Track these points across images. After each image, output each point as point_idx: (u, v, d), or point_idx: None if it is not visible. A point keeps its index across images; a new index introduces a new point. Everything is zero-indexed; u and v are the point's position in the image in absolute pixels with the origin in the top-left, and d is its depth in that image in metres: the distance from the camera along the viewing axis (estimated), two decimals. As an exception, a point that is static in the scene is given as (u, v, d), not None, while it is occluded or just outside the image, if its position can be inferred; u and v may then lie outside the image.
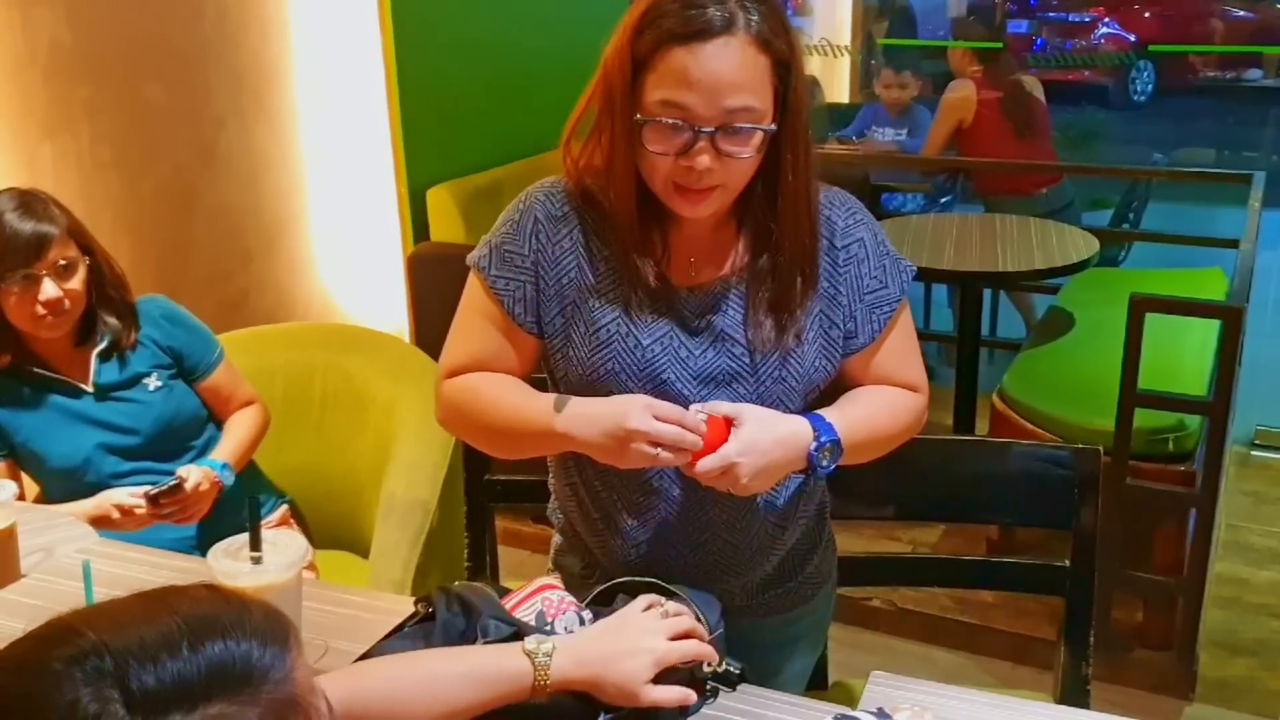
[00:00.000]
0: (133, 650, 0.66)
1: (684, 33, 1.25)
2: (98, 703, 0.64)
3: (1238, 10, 9.86)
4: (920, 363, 1.52)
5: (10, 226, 1.93)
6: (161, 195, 2.90)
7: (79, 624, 0.69)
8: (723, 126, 1.27)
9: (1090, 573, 1.72)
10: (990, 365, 4.34)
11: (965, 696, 1.35)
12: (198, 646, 0.67)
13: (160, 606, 0.70)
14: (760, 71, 1.28)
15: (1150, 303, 2.59)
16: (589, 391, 1.41)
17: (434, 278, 3.37)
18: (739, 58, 1.26)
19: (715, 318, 1.41)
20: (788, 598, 1.56)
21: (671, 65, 1.26)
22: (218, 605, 0.71)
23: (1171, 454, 2.78)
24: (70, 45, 2.62)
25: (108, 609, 0.71)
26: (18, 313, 1.96)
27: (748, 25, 1.26)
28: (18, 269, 1.92)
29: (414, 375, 2.33)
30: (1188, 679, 2.72)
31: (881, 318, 1.45)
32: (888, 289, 1.46)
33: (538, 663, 1.17)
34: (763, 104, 1.29)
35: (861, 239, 1.45)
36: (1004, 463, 1.78)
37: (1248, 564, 3.25)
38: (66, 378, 2.07)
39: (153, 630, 0.67)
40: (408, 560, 2.09)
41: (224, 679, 0.67)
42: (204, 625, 0.68)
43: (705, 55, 1.25)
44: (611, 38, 1.34)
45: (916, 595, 2.98)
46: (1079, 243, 3.53)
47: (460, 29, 3.63)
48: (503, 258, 1.45)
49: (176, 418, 2.14)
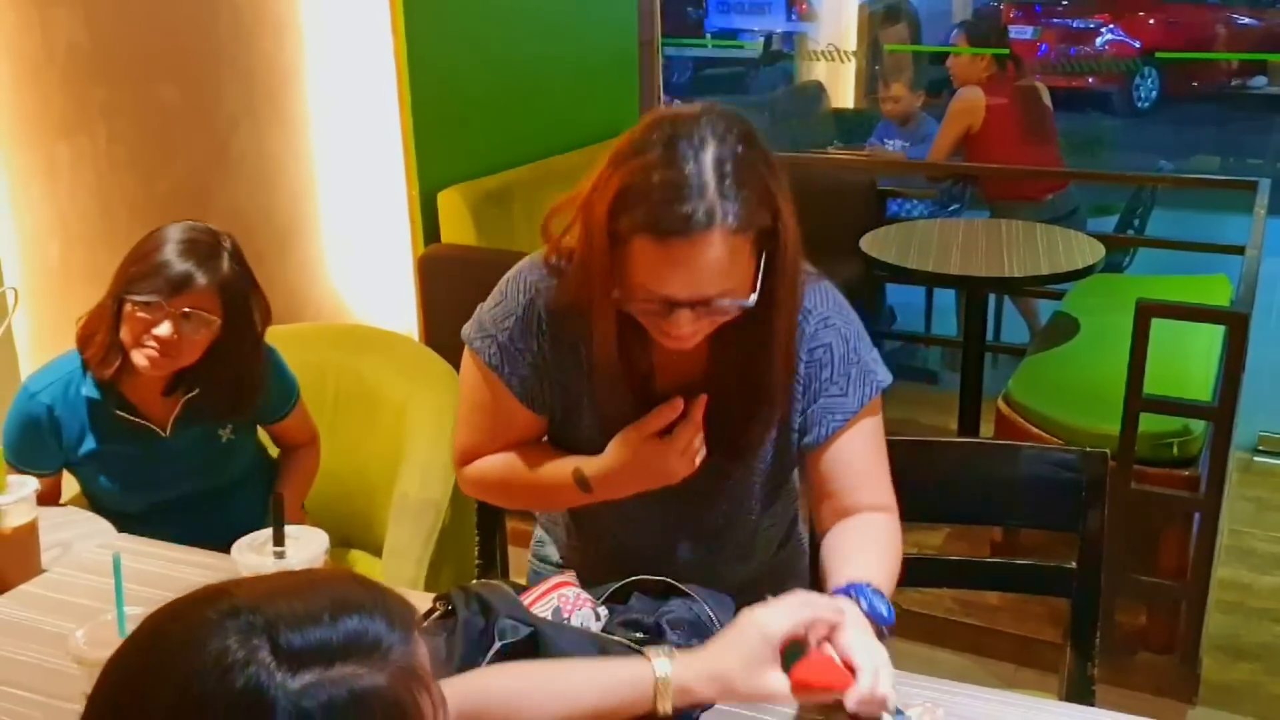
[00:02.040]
0: (282, 614, 0.74)
1: (661, 229, 1.22)
2: (246, 650, 0.72)
3: (1243, 18, 9.87)
4: (888, 481, 1.48)
5: (168, 255, 1.89)
6: (176, 195, 2.92)
7: (233, 588, 0.77)
8: (701, 303, 1.27)
9: (1097, 575, 1.73)
10: (994, 370, 4.36)
11: (975, 694, 1.37)
12: (338, 618, 0.75)
13: (308, 584, 0.78)
14: (741, 255, 1.26)
15: (1156, 308, 2.61)
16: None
17: (444, 279, 3.39)
18: (717, 252, 1.22)
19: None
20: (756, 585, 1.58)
21: (649, 257, 1.23)
22: (357, 588, 0.79)
23: (1176, 459, 2.80)
24: (88, 47, 2.65)
25: (260, 581, 0.79)
26: (129, 329, 1.91)
27: (725, 217, 1.21)
28: (148, 292, 1.88)
29: (427, 376, 2.35)
30: (1190, 683, 2.73)
31: (833, 424, 1.44)
32: (845, 398, 1.45)
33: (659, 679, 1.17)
34: (743, 279, 1.27)
35: (829, 344, 1.45)
36: (1012, 466, 1.79)
37: (1251, 569, 3.27)
38: (147, 422, 2.03)
39: (300, 601, 0.75)
40: (421, 559, 2.11)
41: (358, 647, 0.74)
42: (345, 602, 0.76)
43: (683, 255, 1.22)
44: (591, 187, 1.29)
45: (921, 597, 3.00)
46: (1085, 248, 3.55)
47: (472, 32, 3.65)
48: (510, 356, 1.45)
49: (236, 467, 2.15)
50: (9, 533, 1.67)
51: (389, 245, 3.55)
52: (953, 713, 1.28)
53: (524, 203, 3.62)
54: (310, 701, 0.72)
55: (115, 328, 1.93)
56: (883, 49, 6.18)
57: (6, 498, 1.67)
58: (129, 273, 1.91)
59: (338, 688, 0.73)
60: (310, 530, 1.44)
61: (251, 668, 0.71)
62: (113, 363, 1.95)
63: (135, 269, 1.91)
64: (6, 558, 1.68)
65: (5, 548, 1.68)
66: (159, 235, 1.93)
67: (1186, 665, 2.74)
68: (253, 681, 0.71)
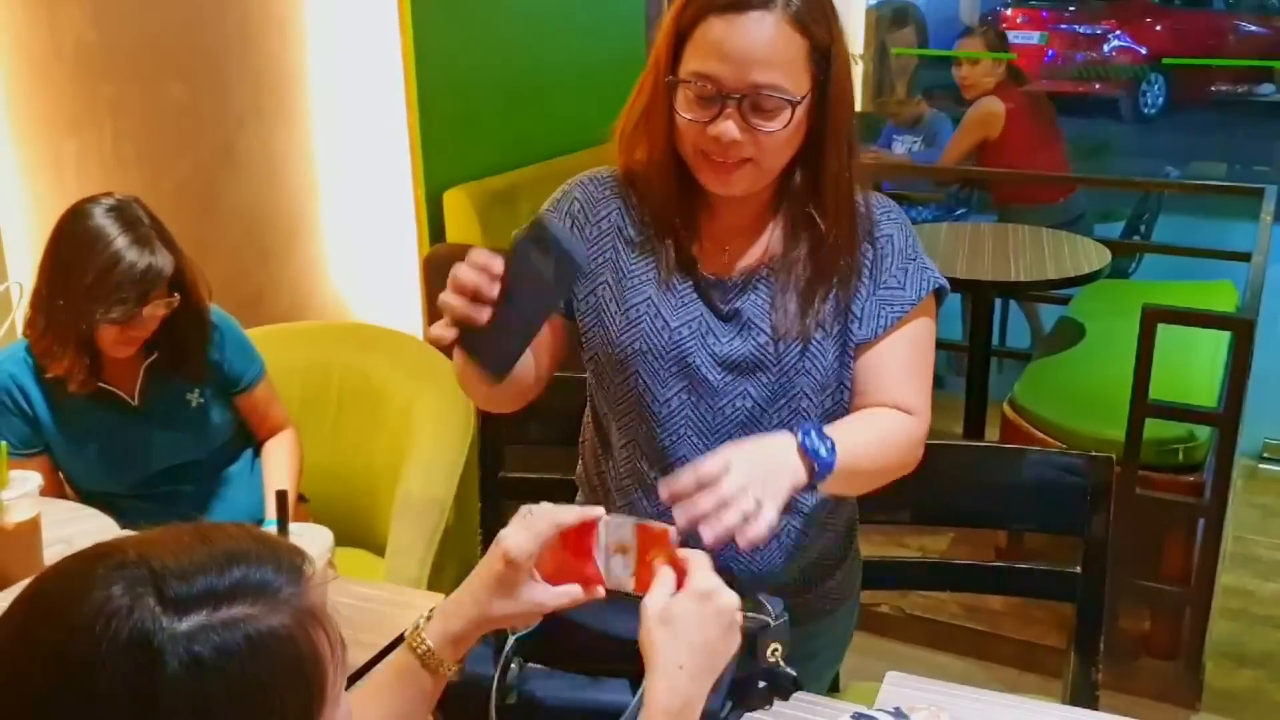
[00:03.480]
0: (168, 565, 0.75)
1: (722, 4, 1.29)
2: (130, 598, 0.73)
3: (1250, 25, 9.87)
4: (926, 388, 1.47)
5: (123, 256, 1.87)
6: (181, 193, 2.92)
7: (123, 544, 0.78)
8: (748, 96, 1.30)
9: (1102, 579, 1.73)
10: (1000, 375, 4.36)
11: (979, 697, 1.37)
12: (226, 566, 0.76)
13: (197, 537, 0.79)
14: (794, 52, 1.31)
15: (1162, 314, 2.61)
16: (617, 372, 1.45)
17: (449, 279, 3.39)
18: (772, 33, 1.29)
19: (744, 305, 1.43)
20: (806, 609, 1.52)
21: (708, 35, 1.30)
22: (245, 538, 0.80)
23: (1181, 464, 2.80)
24: (96, 44, 2.65)
25: (150, 536, 0.79)
26: (106, 338, 1.94)
27: (786, 5, 1.29)
28: (121, 309, 1.88)
29: (431, 375, 2.35)
30: (1194, 688, 2.73)
31: (890, 315, 1.44)
32: (903, 290, 1.45)
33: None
34: (793, 84, 1.31)
35: (891, 235, 1.46)
36: (1018, 469, 1.79)
37: (1255, 576, 3.26)
38: (116, 389, 2.06)
39: (187, 553, 0.77)
40: (424, 558, 2.11)
41: (244, 590, 0.76)
42: (232, 551, 0.78)
43: (739, 26, 1.29)
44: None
45: (925, 602, 3.00)
46: (1091, 254, 3.55)
47: (479, 33, 3.66)
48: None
49: (215, 436, 2.15)
50: (11, 528, 1.67)
51: (394, 244, 3.55)
52: (956, 716, 1.28)
53: (529, 203, 3.62)
54: (202, 645, 0.72)
55: (81, 344, 1.94)
56: (890, 53, 6.18)
57: (9, 493, 1.67)
58: (89, 294, 1.88)
59: (230, 631, 0.74)
60: (315, 528, 1.44)
61: (136, 614, 0.72)
62: (83, 371, 1.97)
63: (95, 290, 1.87)
64: (9, 553, 1.68)
65: (7, 543, 1.68)
66: (92, 231, 1.89)
67: (1190, 671, 2.74)
68: (138, 628, 0.72)
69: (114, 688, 0.71)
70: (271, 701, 0.75)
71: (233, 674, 0.73)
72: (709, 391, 1.43)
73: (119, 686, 0.71)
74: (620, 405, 1.49)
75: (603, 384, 1.51)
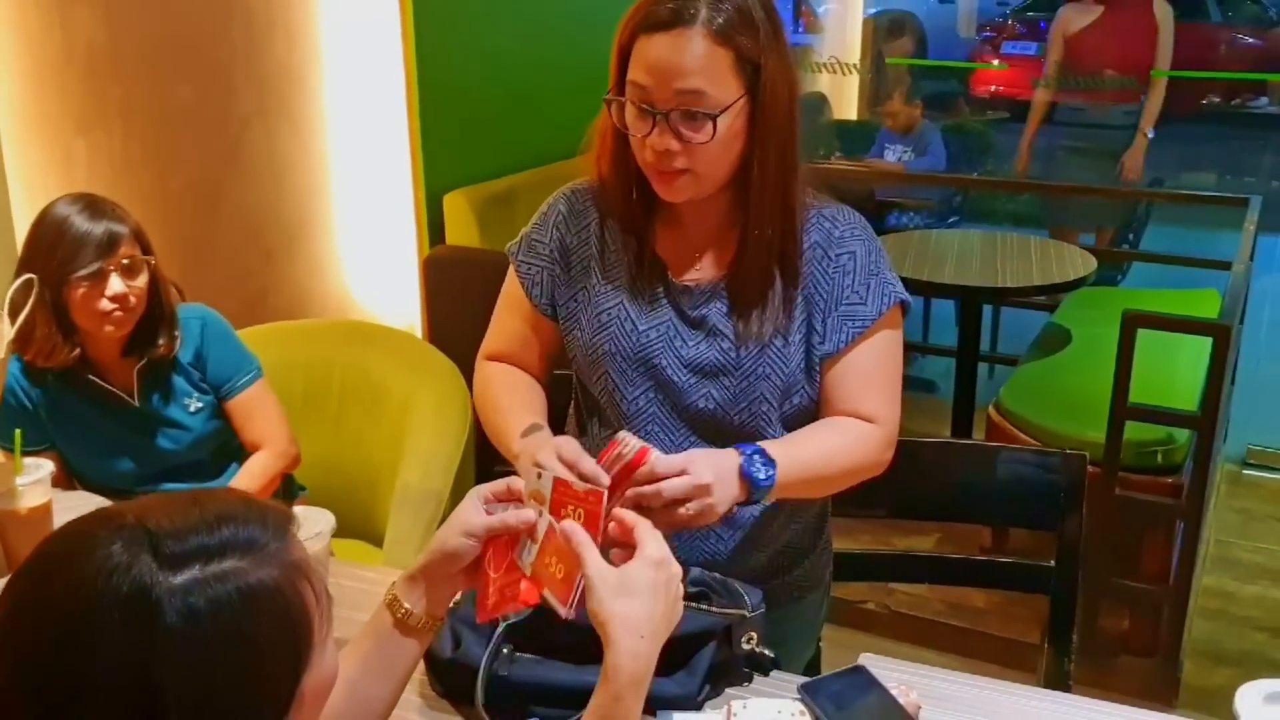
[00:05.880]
0: (163, 526, 0.82)
1: (649, 23, 1.39)
2: (129, 555, 0.80)
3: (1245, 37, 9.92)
4: (890, 397, 1.52)
5: (80, 227, 1.95)
6: (188, 193, 2.98)
7: (122, 509, 0.85)
8: (677, 109, 1.38)
9: (1074, 573, 1.79)
10: (991, 380, 4.42)
11: (949, 678, 1.42)
12: (217, 526, 0.83)
13: (191, 501, 0.86)
14: (717, 63, 1.38)
15: (1142, 319, 2.67)
16: (590, 371, 1.55)
17: (449, 281, 3.45)
18: (693, 47, 1.37)
19: (709, 311, 1.51)
20: (773, 596, 1.55)
21: (640, 52, 1.40)
22: (234, 501, 0.87)
23: (1160, 466, 2.86)
24: (106, 46, 2.71)
25: (147, 501, 0.86)
26: (83, 309, 1.97)
27: (708, 21, 1.37)
28: (88, 264, 1.94)
29: (430, 371, 2.41)
30: (1171, 686, 2.79)
31: (851, 330, 1.49)
32: (865, 305, 1.50)
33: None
34: (718, 93, 1.38)
35: (854, 252, 1.51)
36: (994, 465, 1.85)
37: (1235, 578, 3.32)
38: (116, 389, 2.10)
39: (181, 515, 0.84)
40: (421, 547, 2.15)
41: (234, 546, 0.83)
42: (222, 512, 0.85)
43: (664, 43, 1.38)
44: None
45: (909, 599, 3.05)
46: (1077, 261, 3.62)
47: (480, 39, 3.72)
48: (529, 246, 1.61)
49: (208, 445, 2.19)
50: (24, 513, 1.71)
51: (395, 246, 3.61)
52: (926, 694, 1.34)
53: (527, 206, 3.63)
54: (197, 598, 0.79)
55: (55, 319, 1.98)
56: (885, 62, 6.24)
57: (23, 479, 1.72)
58: (55, 261, 1.95)
59: (222, 583, 0.80)
60: (317, 510, 1.49)
61: (134, 570, 0.79)
62: (62, 350, 2.01)
63: (60, 254, 1.95)
64: (21, 538, 1.72)
65: (20, 528, 1.72)
66: (56, 218, 1.97)
67: (1168, 669, 2.80)
68: (137, 582, 0.78)
69: (115, 638, 0.78)
70: (263, 648, 0.82)
71: (225, 623, 0.80)
72: (675, 392, 1.52)
73: (119, 637, 0.78)
74: (595, 402, 1.59)
75: (581, 382, 1.62)
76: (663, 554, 1.09)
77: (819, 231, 1.51)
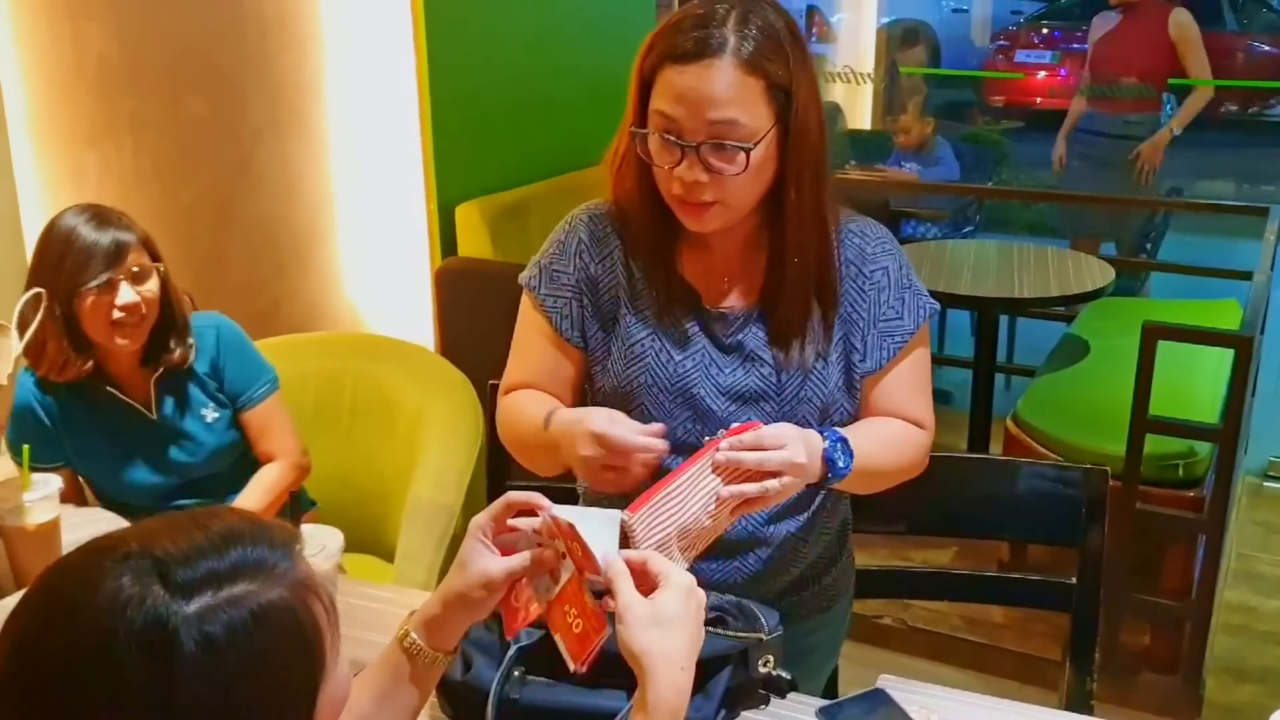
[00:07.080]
0: (169, 552, 0.80)
1: (675, 54, 1.35)
2: (139, 586, 0.77)
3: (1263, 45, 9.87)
4: (929, 402, 1.55)
5: (87, 236, 1.94)
6: (200, 206, 2.98)
7: (123, 536, 0.83)
8: (708, 141, 1.35)
9: (1096, 590, 1.76)
10: (1008, 392, 4.39)
11: (971, 701, 1.40)
12: (224, 549, 0.81)
13: (191, 523, 0.84)
14: (749, 92, 1.35)
15: (1163, 330, 2.63)
16: (622, 403, 1.48)
17: (461, 292, 3.43)
18: (724, 77, 1.33)
19: (744, 337, 1.48)
20: (804, 606, 1.60)
21: (667, 81, 1.36)
22: (238, 521, 0.85)
23: (1181, 480, 2.82)
24: (117, 59, 2.71)
25: (148, 526, 0.84)
26: (93, 320, 1.96)
27: (737, 50, 1.34)
28: (97, 275, 1.93)
29: (442, 385, 2.39)
30: (1193, 703, 2.75)
31: (892, 346, 1.50)
32: (902, 320, 1.50)
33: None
34: (751, 122, 1.35)
35: (886, 268, 1.51)
36: (1014, 481, 1.82)
37: (1257, 592, 3.28)
38: (134, 402, 2.08)
39: (186, 539, 0.81)
40: (432, 563, 2.15)
41: (244, 569, 0.81)
42: (228, 534, 0.83)
43: (692, 75, 1.34)
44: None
45: (927, 614, 3.02)
46: (1095, 271, 3.59)
47: (492, 50, 3.71)
48: (550, 277, 1.54)
49: (226, 457, 2.17)
50: (32, 529, 1.71)
51: (407, 257, 3.59)
52: (947, 718, 1.31)
53: (540, 217, 3.66)
54: (212, 625, 0.77)
55: (66, 333, 1.97)
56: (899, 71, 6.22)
57: (31, 495, 1.71)
58: (63, 273, 1.93)
59: (235, 608, 0.79)
60: (327, 528, 1.48)
61: (148, 601, 0.77)
62: (75, 364, 2.00)
63: (69, 265, 1.93)
64: (29, 554, 1.71)
65: (28, 544, 1.72)
66: (62, 230, 1.95)
67: (1190, 685, 2.76)
68: (151, 614, 0.76)
69: (135, 674, 0.75)
70: (280, 668, 0.81)
71: (244, 648, 0.78)
72: (714, 421, 1.48)
73: (140, 672, 0.75)
74: None
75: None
76: (690, 581, 1.07)
77: (851, 249, 1.50)
